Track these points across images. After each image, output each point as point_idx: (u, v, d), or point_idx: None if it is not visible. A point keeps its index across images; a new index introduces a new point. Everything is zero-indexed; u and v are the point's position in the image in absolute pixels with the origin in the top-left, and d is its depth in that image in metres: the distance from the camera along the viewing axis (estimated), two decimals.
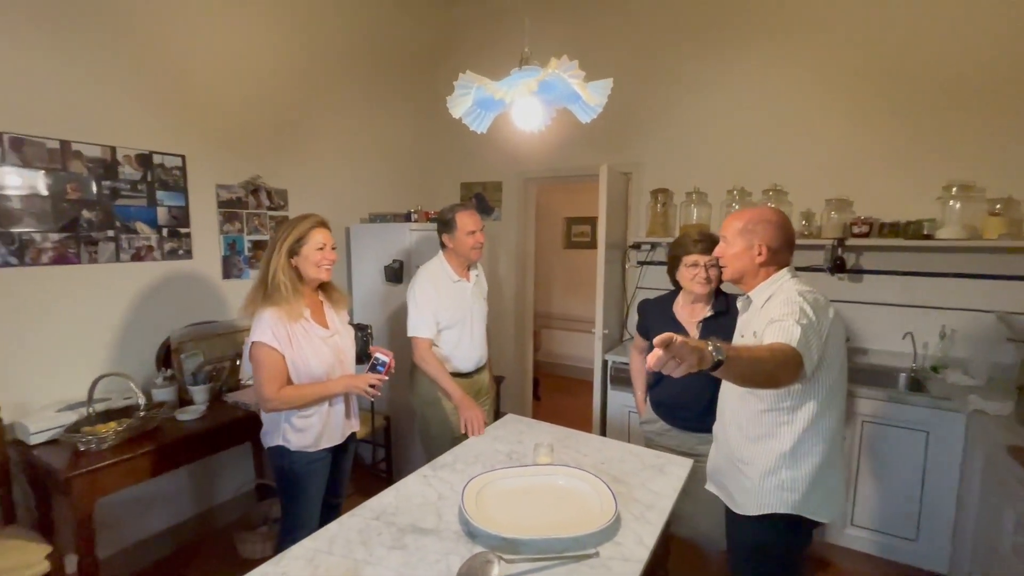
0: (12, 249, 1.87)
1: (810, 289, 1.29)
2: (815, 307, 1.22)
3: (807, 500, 1.29)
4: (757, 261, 1.34)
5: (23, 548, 1.68)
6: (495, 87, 1.27)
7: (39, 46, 1.89)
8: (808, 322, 1.18)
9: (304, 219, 1.66)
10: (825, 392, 1.27)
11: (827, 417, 1.28)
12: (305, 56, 2.89)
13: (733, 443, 1.40)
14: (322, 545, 1.18)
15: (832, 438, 1.30)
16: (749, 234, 1.35)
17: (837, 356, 1.27)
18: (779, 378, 1.13)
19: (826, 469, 1.29)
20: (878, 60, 2.54)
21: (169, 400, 2.14)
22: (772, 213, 1.37)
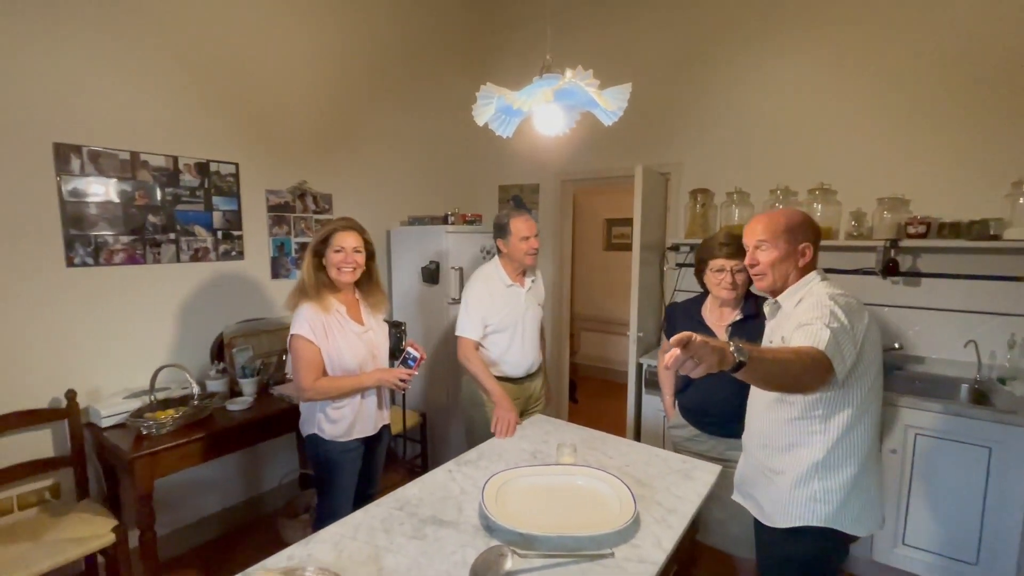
0: (89, 250, 2.07)
1: (841, 292, 1.25)
2: (848, 310, 1.18)
3: (841, 513, 1.23)
4: (801, 263, 1.31)
5: (93, 521, 1.86)
6: (514, 97, 1.31)
7: (113, 68, 2.08)
8: (840, 326, 1.13)
9: (333, 222, 1.76)
10: (860, 400, 1.22)
11: (862, 426, 1.23)
12: (347, 64, 3.03)
13: (762, 452, 1.36)
14: (347, 531, 1.24)
15: (868, 448, 1.24)
16: (792, 235, 1.30)
17: (873, 362, 1.22)
18: (805, 383, 1.09)
19: (862, 480, 1.24)
20: (937, 52, 2.38)
21: (221, 391, 2.30)
22: (802, 213, 1.35)
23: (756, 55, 2.86)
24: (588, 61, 3.62)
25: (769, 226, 1.33)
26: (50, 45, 1.92)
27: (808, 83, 2.71)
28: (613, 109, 1.36)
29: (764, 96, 2.85)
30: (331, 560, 1.12)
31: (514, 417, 1.90)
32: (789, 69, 2.76)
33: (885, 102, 2.51)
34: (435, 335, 3.07)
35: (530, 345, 2.17)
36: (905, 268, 2.47)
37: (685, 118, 3.15)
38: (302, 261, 1.77)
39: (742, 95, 2.93)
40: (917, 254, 2.47)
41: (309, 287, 1.70)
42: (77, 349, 2.06)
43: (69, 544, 1.73)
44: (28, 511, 1.95)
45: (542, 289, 2.32)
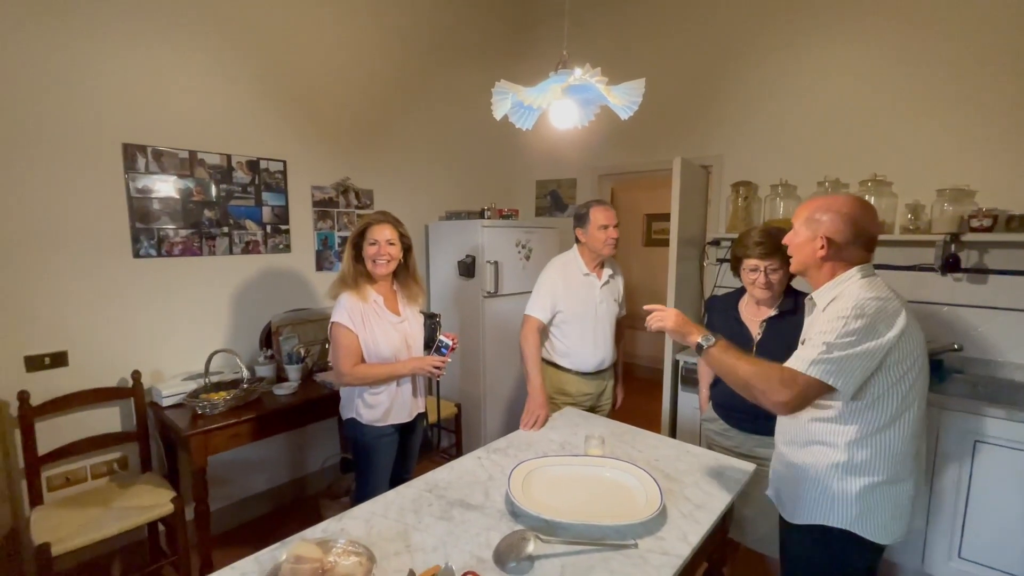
0: (152, 243, 2.24)
1: (878, 295, 1.14)
2: (872, 320, 1.10)
3: (861, 517, 1.18)
4: (818, 255, 1.22)
5: (155, 491, 2.01)
6: (526, 94, 1.33)
7: (174, 73, 2.24)
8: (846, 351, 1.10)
9: (369, 215, 1.83)
10: (893, 406, 1.15)
11: (895, 432, 1.16)
12: (386, 65, 3.12)
13: (786, 448, 1.32)
14: (379, 509, 1.30)
15: (900, 455, 1.17)
16: (813, 224, 1.23)
17: (910, 370, 1.14)
18: (757, 395, 1.18)
19: (891, 487, 1.18)
20: (1004, 32, 2.20)
21: (268, 376, 2.43)
22: (846, 203, 1.22)
23: (803, 43, 2.74)
24: (620, 57, 3.56)
25: (799, 211, 1.28)
26: (120, 53, 2.08)
27: (861, 70, 2.57)
28: (625, 104, 1.36)
29: (812, 85, 2.73)
30: (362, 534, 1.18)
31: (544, 413, 1.90)
32: (840, 56, 2.63)
33: (947, 88, 2.35)
34: (471, 327, 3.12)
35: (602, 340, 2.14)
36: (968, 264, 2.31)
37: (727, 109, 3.05)
38: (343, 251, 1.86)
39: (788, 85, 2.81)
40: (982, 249, 2.30)
41: (348, 277, 1.79)
42: (142, 334, 2.23)
43: (135, 511, 1.88)
44: (99, 480, 2.13)
45: (621, 286, 2.29)
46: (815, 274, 1.27)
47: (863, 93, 2.57)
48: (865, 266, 1.23)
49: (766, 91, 2.89)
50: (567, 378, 2.15)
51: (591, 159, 3.71)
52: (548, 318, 2.09)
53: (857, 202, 1.23)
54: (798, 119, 2.79)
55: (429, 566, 1.06)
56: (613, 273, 2.22)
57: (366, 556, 1.04)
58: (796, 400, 1.15)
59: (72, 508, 1.89)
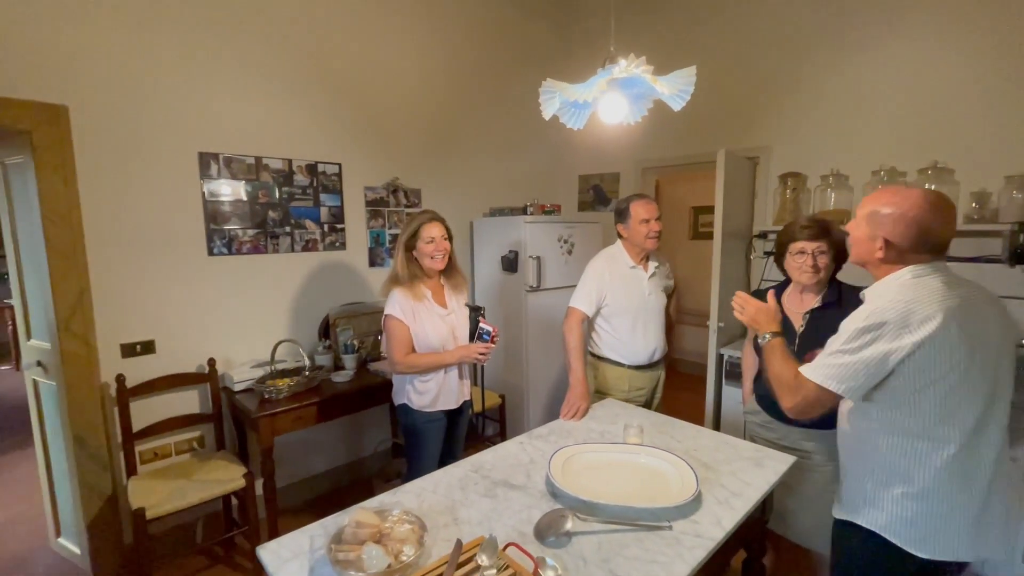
0: (224, 242, 2.46)
1: (913, 298, 1.05)
2: (889, 324, 1.04)
3: (896, 524, 1.13)
4: (876, 256, 1.15)
5: (228, 467, 2.23)
6: (572, 91, 1.37)
7: (242, 84, 2.44)
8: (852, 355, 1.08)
9: (416, 217, 1.94)
10: (931, 415, 1.07)
11: (930, 445, 1.08)
12: (436, 68, 3.24)
13: (839, 442, 1.32)
14: (429, 485, 1.41)
15: (946, 468, 1.08)
16: (875, 221, 1.14)
17: (938, 381, 1.04)
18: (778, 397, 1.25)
19: (930, 500, 1.09)
20: None
21: (327, 364, 2.61)
22: (916, 203, 1.09)
23: (856, 33, 2.63)
24: (666, 49, 3.53)
25: (865, 203, 1.19)
26: (193, 67, 2.30)
27: (919, 56, 2.45)
28: (674, 93, 1.37)
29: (865, 73, 2.62)
30: (415, 507, 1.29)
31: (585, 405, 1.93)
32: (896, 44, 2.52)
33: (1013, 70, 2.21)
34: (514, 321, 3.21)
35: (653, 332, 2.17)
36: None
37: (775, 99, 2.98)
38: (395, 252, 1.97)
39: (839, 73, 2.71)
40: None
41: (403, 277, 1.90)
42: (216, 325, 2.46)
43: (213, 484, 2.10)
44: (182, 456, 2.38)
45: (668, 277, 2.31)
46: (874, 271, 1.21)
47: (921, 79, 2.46)
48: (925, 265, 1.12)
49: (816, 80, 2.80)
50: (620, 373, 2.17)
51: (634, 152, 3.70)
52: (593, 311, 2.12)
53: (928, 203, 1.09)
54: (851, 107, 2.70)
55: (475, 537, 1.15)
56: (659, 264, 2.24)
57: (418, 524, 1.14)
58: (800, 406, 1.18)
59: (160, 479, 2.13)
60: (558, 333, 2.18)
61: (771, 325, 1.35)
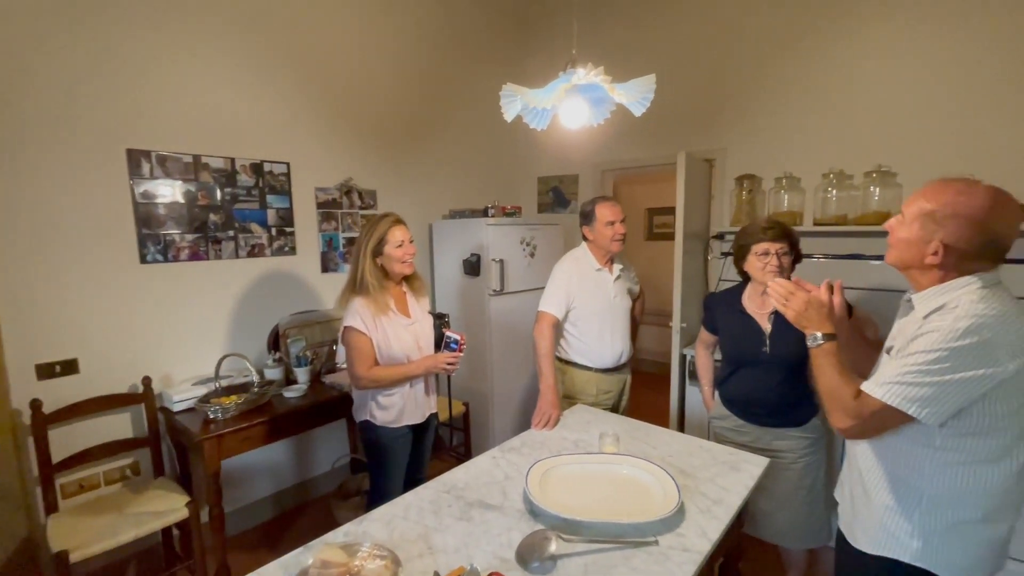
0: (159, 248, 2.23)
1: (1000, 313, 0.91)
2: (989, 343, 0.90)
3: (940, 552, 1.01)
4: (929, 261, 1.00)
5: (168, 496, 2.02)
6: (532, 96, 1.33)
7: (175, 76, 2.22)
8: (942, 376, 0.92)
9: (382, 219, 1.82)
10: (1001, 439, 0.97)
11: (999, 468, 0.98)
12: (390, 63, 3.11)
13: (864, 463, 1.14)
14: (399, 511, 1.31)
15: (1002, 493, 0.99)
16: (932, 225, 0.98)
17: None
18: (827, 411, 1.10)
19: (979, 528, 1.00)
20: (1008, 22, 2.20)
21: (277, 379, 2.43)
22: (984, 205, 0.95)
23: (807, 38, 2.73)
24: (625, 52, 3.55)
25: (916, 201, 1.02)
26: (121, 55, 2.07)
27: (865, 63, 2.57)
28: (636, 100, 1.36)
29: (816, 78, 2.72)
30: (384, 537, 1.19)
31: (556, 414, 1.88)
32: (844, 50, 2.62)
33: (949, 78, 2.35)
34: (477, 326, 3.13)
35: (620, 334, 2.16)
36: None
37: (730, 103, 3.05)
38: (352, 258, 1.84)
39: (791, 78, 2.80)
40: None
41: (372, 287, 1.76)
42: (151, 339, 2.23)
43: (149, 517, 1.89)
44: (113, 486, 2.14)
45: (635, 281, 2.33)
46: (918, 277, 1.06)
47: (867, 84, 2.57)
48: (989, 274, 0.99)
49: (770, 84, 2.89)
50: (587, 376, 2.15)
51: (593, 155, 3.70)
52: (562, 313, 2.09)
53: (999, 205, 0.95)
54: (802, 111, 2.79)
55: (453, 568, 1.06)
56: (624, 267, 2.23)
57: (391, 559, 1.04)
58: (858, 428, 1.04)
59: (87, 515, 1.90)
60: (523, 337, 2.13)
61: (824, 324, 1.14)
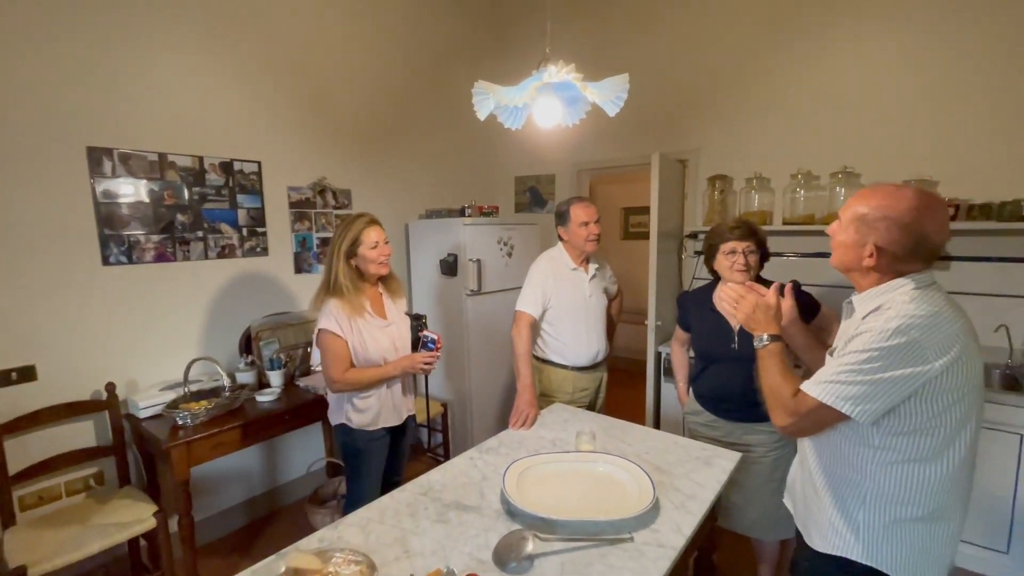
0: (123, 249, 2.16)
1: (929, 314, 0.94)
2: (917, 342, 0.93)
3: (883, 550, 1.03)
4: (866, 264, 1.04)
5: (135, 506, 1.95)
6: (504, 95, 1.33)
7: (140, 71, 2.15)
8: (874, 375, 0.95)
9: (355, 220, 1.79)
10: (935, 437, 0.98)
11: (937, 465, 0.99)
12: (364, 61, 3.07)
13: (812, 465, 1.16)
14: (375, 515, 1.29)
15: (943, 490, 1.00)
16: (865, 228, 1.02)
17: (960, 400, 0.96)
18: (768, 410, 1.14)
19: (924, 525, 1.02)
20: (961, 32, 2.30)
21: (250, 383, 2.38)
22: (911, 208, 0.98)
23: (778, 42, 2.80)
24: (599, 54, 3.57)
25: (851, 205, 1.07)
26: (80, 50, 1.99)
27: (831, 68, 2.65)
28: (610, 99, 1.37)
29: (786, 81, 2.80)
30: (360, 542, 1.17)
31: (533, 412, 1.88)
32: (812, 55, 2.70)
33: (911, 83, 2.44)
34: (455, 327, 3.11)
35: (595, 333, 2.17)
36: None
37: (703, 104, 3.10)
38: (326, 258, 1.81)
39: (762, 81, 2.87)
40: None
41: (346, 289, 1.74)
42: (115, 344, 2.15)
43: (114, 528, 1.82)
44: (75, 497, 2.06)
45: (612, 281, 2.35)
46: (858, 279, 1.10)
47: (833, 89, 2.65)
48: (920, 276, 1.02)
49: (741, 87, 2.95)
50: (564, 375, 2.16)
51: (569, 154, 3.73)
52: (540, 313, 2.10)
53: (925, 207, 0.98)
54: (772, 114, 2.86)
55: (430, 570, 1.06)
56: (599, 266, 2.25)
57: (366, 564, 1.03)
58: (797, 426, 1.07)
59: (48, 528, 1.82)
60: (501, 337, 2.13)
61: (771, 325, 1.20)
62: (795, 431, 1.11)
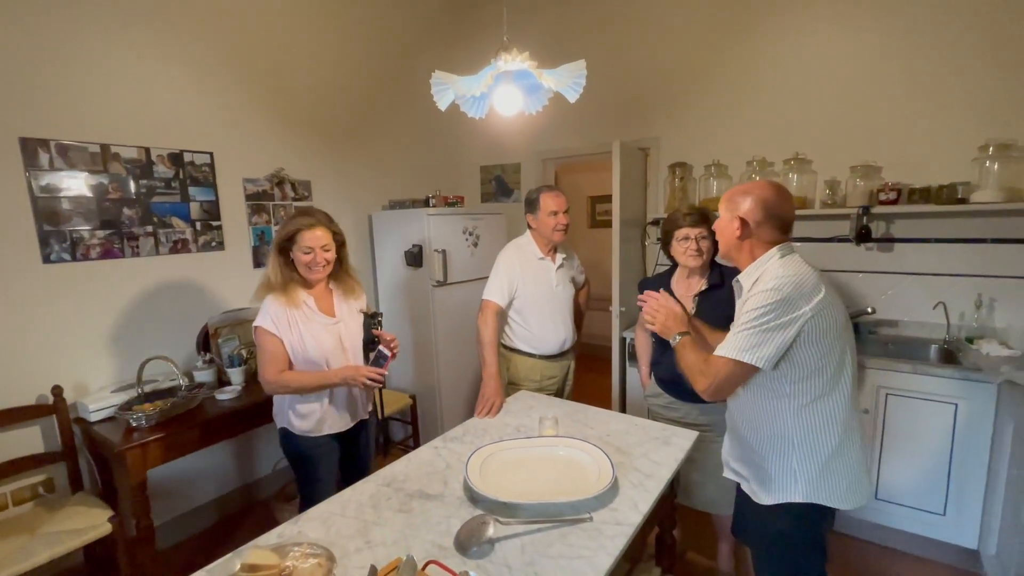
0: (65, 246, 2.05)
1: (796, 272, 1.21)
2: (789, 295, 1.16)
3: (823, 487, 1.23)
4: (735, 235, 1.30)
5: (88, 512, 1.89)
6: (461, 84, 1.33)
7: (77, 58, 2.04)
8: (760, 326, 1.18)
9: (298, 218, 1.67)
10: (828, 377, 1.21)
11: (834, 401, 1.22)
12: (322, 49, 2.98)
13: (744, 428, 1.36)
14: (336, 508, 1.29)
15: (845, 421, 1.24)
16: (732, 206, 1.31)
17: (836, 340, 1.21)
18: (692, 385, 1.31)
19: (842, 455, 1.23)
20: (902, 26, 2.40)
21: (209, 381, 2.32)
22: (760, 187, 1.29)
23: (734, 32, 2.86)
24: (559, 43, 3.57)
25: (726, 194, 1.36)
26: (11, 35, 1.87)
27: (784, 58, 2.72)
28: (568, 86, 1.38)
29: (741, 70, 2.86)
30: (320, 536, 1.16)
31: (499, 401, 1.89)
32: (765, 46, 2.77)
33: (857, 74, 2.54)
34: (421, 318, 3.10)
35: (562, 321, 2.19)
36: (878, 234, 2.53)
37: (663, 93, 3.14)
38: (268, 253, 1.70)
39: (719, 70, 2.93)
40: (889, 220, 2.53)
41: (276, 285, 1.65)
42: (61, 345, 2.06)
43: (66, 535, 1.76)
44: (23, 506, 1.97)
45: (580, 271, 2.36)
46: (737, 256, 1.34)
47: (787, 79, 2.73)
48: (783, 245, 1.29)
49: (699, 75, 3.00)
50: (532, 363, 2.18)
51: (534, 143, 3.73)
52: (506, 302, 2.10)
53: (771, 187, 1.29)
54: (729, 102, 2.93)
55: (391, 559, 1.06)
56: (567, 256, 2.26)
57: (325, 556, 1.03)
58: (714, 385, 1.25)
59: None
60: (468, 328, 2.14)
61: (680, 326, 1.41)
62: (715, 391, 1.27)
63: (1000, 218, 2.28)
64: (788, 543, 1.31)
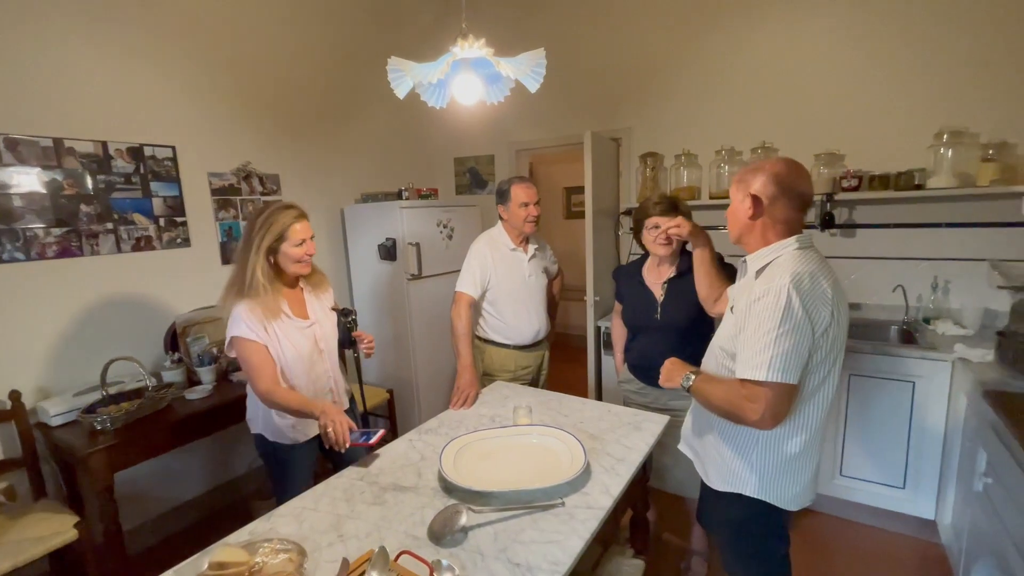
0: (18, 245, 1.97)
1: (813, 271, 1.11)
2: (809, 302, 1.07)
3: (773, 485, 1.21)
4: (747, 215, 1.20)
5: (53, 519, 1.83)
6: (417, 71, 1.31)
7: (28, 46, 1.94)
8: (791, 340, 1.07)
9: (281, 212, 1.57)
10: (815, 382, 1.15)
11: (812, 406, 1.17)
12: (290, 41, 2.91)
13: (711, 415, 1.31)
14: (308, 503, 1.28)
15: (815, 429, 1.19)
16: (743, 185, 1.21)
17: (833, 346, 1.14)
18: (736, 420, 1.18)
19: (802, 459, 1.21)
20: (862, 16, 2.46)
21: (178, 381, 2.26)
22: (772, 162, 1.19)
23: (701, 22, 2.89)
24: (525, 34, 3.55)
25: (736, 175, 1.26)
26: None
27: (751, 49, 2.77)
28: (529, 75, 1.37)
29: (709, 60, 2.90)
30: (293, 531, 1.16)
31: (474, 392, 1.90)
32: (732, 36, 2.81)
33: (821, 65, 2.60)
34: (396, 312, 3.08)
35: (535, 312, 2.20)
36: (841, 220, 2.61)
37: (633, 82, 3.17)
38: (239, 254, 1.59)
39: (687, 60, 2.97)
40: (852, 206, 2.61)
41: (265, 291, 1.54)
42: (18, 349, 1.98)
43: (29, 543, 1.70)
44: None
45: (552, 261, 2.38)
46: (748, 238, 1.24)
47: (755, 70, 2.78)
48: (802, 236, 1.19)
49: (669, 66, 3.03)
50: (506, 354, 2.20)
51: (508, 135, 3.72)
52: (479, 293, 2.11)
53: (784, 161, 1.20)
54: (699, 92, 2.97)
55: (364, 552, 1.06)
56: (539, 246, 2.28)
57: (296, 551, 1.02)
58: (770, 412, 1.10)
59: None
60: (444, 321, 2.14)
61: (684, 370, 1.31)
62: (773, 417, 1.11)
63: (954, 203, 2.38)
64: (744, 531, 1.31)
